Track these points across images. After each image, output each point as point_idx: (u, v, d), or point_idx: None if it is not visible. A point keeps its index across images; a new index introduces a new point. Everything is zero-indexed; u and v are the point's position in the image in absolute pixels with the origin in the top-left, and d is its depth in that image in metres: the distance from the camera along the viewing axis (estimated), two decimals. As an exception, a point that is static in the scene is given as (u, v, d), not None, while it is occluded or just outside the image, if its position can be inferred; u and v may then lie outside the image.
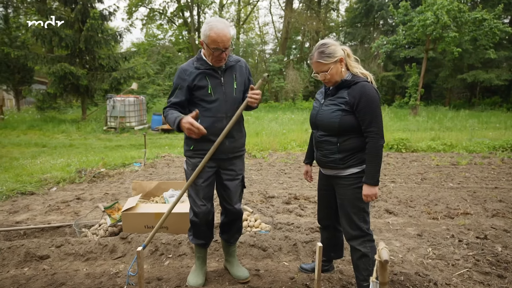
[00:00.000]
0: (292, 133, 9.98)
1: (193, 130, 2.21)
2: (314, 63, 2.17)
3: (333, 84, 2.21)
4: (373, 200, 2.16)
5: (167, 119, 2.37)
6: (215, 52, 2.24)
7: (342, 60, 2.17)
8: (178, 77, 2.39)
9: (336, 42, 2.18)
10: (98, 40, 15.47)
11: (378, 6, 28.82)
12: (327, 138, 2.22)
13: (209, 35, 2.21)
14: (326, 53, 2.13)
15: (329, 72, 2.14)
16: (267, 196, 4.80)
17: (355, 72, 2.22)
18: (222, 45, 2.23)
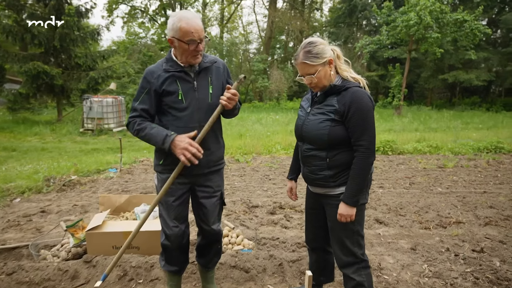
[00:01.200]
0: (277, 135, 9.71)
1: (191, 151, 1.93)
2: (300, 64, 1.88)
3: (321, 89, 1.93)
4: (347, 221, 1.89)
5: (146, 134, 2.02)
6: (190, 45, 1.94)
7: (331, 62, 1.89)
8: (144, 79, 2.06)
9: (324, 41, 1.90)
10: (74, 38, 14.83)
11: (361, 6, 28.94)
12: (315, 153, 1.94)
13: (180, 26, 1.91)
14: (313, 53, 1.84)
15: (316, 75, 1.85)
16: (250, 205, 4.50)
17: (345, 76, 1.94)
18: (196, 35, 1.93)
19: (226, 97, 2.01)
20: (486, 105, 26.16)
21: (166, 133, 1.98)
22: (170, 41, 1.99)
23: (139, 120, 2.06)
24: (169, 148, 1.96)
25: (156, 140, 2.00)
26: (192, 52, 1.98)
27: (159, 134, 1.98)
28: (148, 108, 2.06)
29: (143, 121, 2.06)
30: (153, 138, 2.01)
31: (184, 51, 1.97)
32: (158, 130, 2.00)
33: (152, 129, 2.01)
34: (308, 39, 1.91)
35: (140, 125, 2.04)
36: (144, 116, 2.07)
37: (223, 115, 2.21)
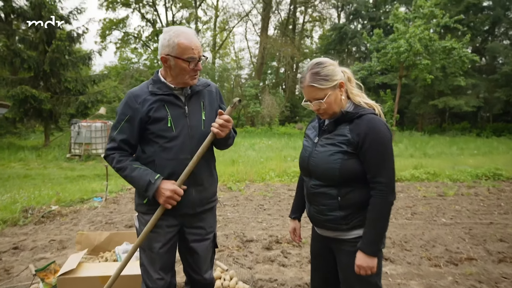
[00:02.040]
0: (270, 162, 9.45)
1: (176, 199, 1.72)
2: (306, 88, 1.63)
3: (330, 116, 1.68)
4: (368, 274, 1.60)
5: (126, 175, 1.76)
6: (190, 64, 1.71)
7: (342, 85, 1.65)
8: (126, 105, 1.78)
9: (334, 61, 1.67)
10: (64, 63, 14.66)
11: (351, 33, 29.62)
12: (324, 190, 1.66)
13: (179, 42, 1.68)
14: (322, 75, 1.60)
15: (325, 100, 1.61)
16: (244, 239, 4.16)
17: (358, 102, 1.70)
18: (197, 52, 1.71)
19: (218, 123, 1.75)
20: (476, 130, 26.46)
21: (149, 179, 1.71)
22: (164, 60, 1.74)
23: (118, 156, 1.77)
24: (152, 196, 1.71)
25: (138, 185, 1.73)
26: (191, 71, 1.75)
27: (142, 179, 1.72)
28: (128, 139, 1.78)
29: (122, 156, 1.78)
30: (134, 182, 1.74)
31: (182, 70, 1.73)
32: (140, 173, 1.73)
33: (133, 171, 1.74)
34: (315, 59, 1.67)
35: (120, 163, 1.76)
36: (124, 149, 1.79)
37: (215, 145, 1.94)
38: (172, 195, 1.70)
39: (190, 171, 1.74)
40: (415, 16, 17.05)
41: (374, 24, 29.10)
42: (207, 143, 1.77)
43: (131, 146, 1.81)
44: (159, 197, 1.71)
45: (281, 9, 36.54)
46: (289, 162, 9.68)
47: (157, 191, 1.70)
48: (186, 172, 1.74)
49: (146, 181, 1.70)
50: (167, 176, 1.74)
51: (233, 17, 38.03)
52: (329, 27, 35.77)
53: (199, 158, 1.75)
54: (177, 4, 37.07)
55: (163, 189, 1.70)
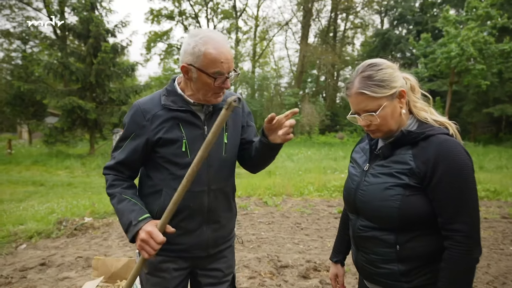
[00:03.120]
0: (309, 174, 8.97)
1: (151, 245, 1.32)
2: (354, 96, 1.24)
3: (385, 134, 1.28)
4: None
5: (113, 205, 1.46)
6: (217, 81, 1.37)
7: (403, 95, 1.24)
8: (132, 120, 1.47)
9: (393, 64, 1.28)
10: (109, 74, 15.23)
11: (395, 39, 28.38)
12: (377, 234, 1.25)
13: (205, 52, 1.34)
14: (377, 80, 1.20)
15: (379, 112, 1.21)
16: (279, 265, 3.76)
17: (424, 118, 1.28)
18: (226, 66, 1.37)
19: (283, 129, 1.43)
20: (538, 141, 24.02)
21: (131, 219, 1.37)
22: (185, 70, 1.41)
23: (111, 178, 1.48)
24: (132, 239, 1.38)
25: (120, 221, 1.42)
26: (215, 89, 1.41)
27: (124, 216, 1.39)
28: (128, 161, 1.48)
29: (117, 180, 1.48)
30: (118, 216, 1.43)
31: (205, 86, 1.40)
32: (125, 207, 1.41)
33: (119, 203, 1.42)
34: (368, 60, 1.28)
35: (111, 187, 1.47)
36: (120, 171, 1.49)
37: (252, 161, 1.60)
38: (147, 238, 1.31)
39: (180, 196, 1.32)
40: (467, 18, 15.85)
41: (420, 28, 27.65)
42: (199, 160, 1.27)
43: (131, 169, 1.51)
44: (137, 240, 1.36)
45: (321, 16, 36.00)
46: (329, 174, 9.14)
47: (137, 234, 1.35)
48: (177, 197, 1.31)
49: (127, 221, 1.37)
50: (175, 213, 1.41)
51: (273, 26, 38.05)
52: (372, 34, 34.61)
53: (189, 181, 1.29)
54: (218, 16, 37.77)
55: (141, 230, 1.34)
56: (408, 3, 28.87)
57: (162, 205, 1.44)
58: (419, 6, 29.60)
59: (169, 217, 1.35)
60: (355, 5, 34.94)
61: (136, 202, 1.44)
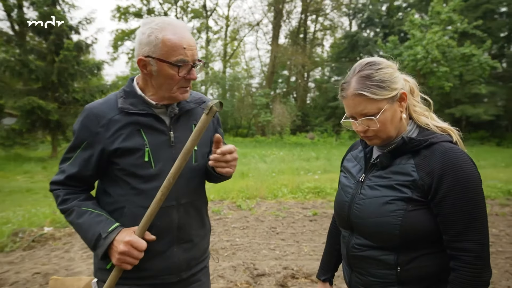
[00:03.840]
0: (282, 176, 8.88)
1: (135, 255, 1.16)
2: (351, 98, 1.10)
3: (383, 141, 1.15)
4: None
5: (72, 221, 1.24)
6: (181, 70, 1.18)
7: (404, 98, 1.12)
8: (82, 126, 1.25)
9: (393, 63, 1.15)
10: (73, 73, 14.45)
11: (364, 41, 29.07)
12: (376, 254, 1.12)
13: (164, 38, 1.15)
14: (376, 80, 1.07)
15: (379, 117, 1.08)
16: (255, 273, 3.60)
17: (425, 124, 1.16)
18: (190, 53, 1.18)
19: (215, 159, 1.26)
20: (495, 139, 25.40)
21: (99, 232, 1.18)
22: (142, 64, 1.22)
23: (63, 194, 1.27)
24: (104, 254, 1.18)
25: (85, 238, 1.21)
26: (181, 81, 1.22)
27: (90, 230, 1.20)
28: (81, 176, 1.27)
29: (69, 194, 1.27)
30: (81, 233, 1.22)
31: (168, 79, 1.21)
32: (89, 220, 1.21)
33: (80, 217, 1.22)
34: (365, 59, 1.15)
35: (65, 203, 1.25)
36: (72, 185, 1.28)
37: (208, 179, 1.43)
38: (128, 249, 1.15)
39: (155, 211, 1.19)
40: (431, 22, 16.45)
41: (387, 31, 28.49)
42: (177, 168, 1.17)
43: (85, 183, 1.31)
44: (111, 254, 1.19)
45: (292, 18, 36.27)
46: (302, 176, 9.10)
47: (110, 248, 1.18)
48: (150, 214, 1.19)
49: (95, 234, 1.18)
50: None
51: (244, 26, 37.92)
52: (341, 35, 35.30)
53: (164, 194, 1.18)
54: (188, 15, 37.13)
55: (116, 241, 1.17)
56: (375, 7, 29.68)
57: (123, 225, 1.24)
58: (385, 10, 30.50)
59: (143, 233, 1.20)
60: (324, 7, 35.52)
61: (100, 212, 1.24)
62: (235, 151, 1.26)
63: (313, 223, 5.44)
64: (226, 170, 1.25)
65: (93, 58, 20.76)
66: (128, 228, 1.21)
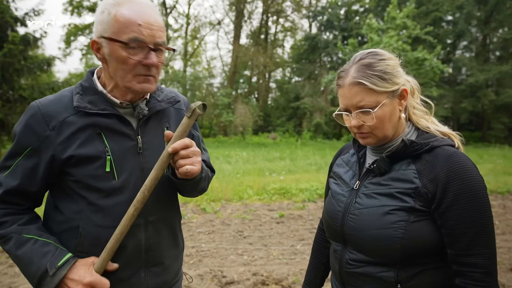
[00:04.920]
0: (247, 177, 8.75)
1: None
2: (348, 87, 0.99)
3: (378, 141, 1.04)
4: None
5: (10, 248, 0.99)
6: (135, 52, 0.99)
7: (404, 96, 1.02)
8: (26, 128, 1.02)
9: (395, 57, 1.05)
10: (19, 68, 13.32)
11: (324, 43, 29.75)
12: (374, 271, 1.00)
13: (116, 14, 0.96)
14: (378, 71, 0.97)
15: (376, 111, 0.97)
16: (223, 281, 3.43)
17: (424, 127, 1.07)
18: (148, 33, 0.98)
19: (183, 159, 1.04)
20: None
21: (45, 267, 0.95)
22: (96, 47, 1.03)
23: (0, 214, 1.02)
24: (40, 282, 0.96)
25: (26, 273, 0.98)
26: (136, 66, 1.01)
27: (32, 264, 0.96)
28: (24, 189, 1.03)
29: (8, 216, 1.02)
30: (21, 266, 0.99)
31: (120, 63, 1.01)
32: (30, 251, 0.98)
33: (20, 246, 0.98)
34: (367, 50, 1.05)
35: (1, 227, 1.00)
36: (11, 203, 1.03)
37: (180, 192, 1.23)
38: None
39: (124, 232, 1.01)
40: (388, 27, 17.14)
41: (345, 34, 29.39)
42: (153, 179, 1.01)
43: (29, 198, 1.06)
44: None
45: (253, 18, 36.35)
46: (267, 177, 9.03)
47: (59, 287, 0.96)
48: (117, 238, 1.00)
49: (39, 270, 0.96)
50: None
51: (205, 25, 37.40)
52: (301, 37, 35.91)
53: (138, 209, 1.00)
54: (146, 11, 35.94)
55: (72, 279, 0.96)
56: (335, 10, 30.49)
57: (79, 249, 1.04)
58: (344, 14, 31.44)
59: (111, 255, 1.00)
60: (285, 9, 35.96)
61: (46, 240, 1.01)
62: (193, 145, 1.05)
63: (280, 226, 5.36)
64: (185, 168, 1.02)
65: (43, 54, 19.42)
66: (84, 260, 1.00)
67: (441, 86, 27.27)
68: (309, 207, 6.42)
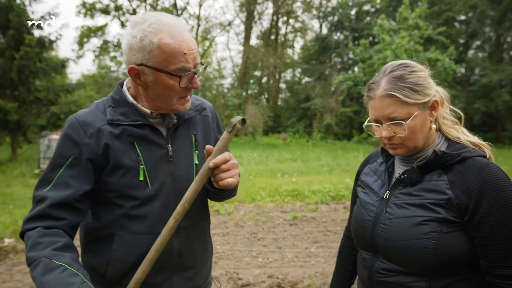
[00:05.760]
0: (259, 179, 8.78)
1: None
2: (379, 99, 1.00)
3: (408, 152, 1.05)
4: None
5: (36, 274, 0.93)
6: (183, 80, 1.02)
7: (436, 107, 1.03)
8: (67, 137, 1.04)
9: (426, 68, 1.06)
10: (34, 70, 13.63)
11: (334, 44, 29.61)
12: (405, 280, 1.01)
13: (160, 43, 0.97)
14: (410, 83, 0.98)
15: (409, 122, 0.98)
16: (239, 283, 3.46)
17: (455, 137, 1.07)
18: (191, 58, 1.01)
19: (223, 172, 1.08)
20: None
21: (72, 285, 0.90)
22: (135, 73, 1.03)
23: (37, 235, 0.98)
24: None
25: None
26: (181, 92, 1.05)
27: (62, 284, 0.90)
28: (69, 201, 1.02)
29: (45, 237, 0.97)
30: None
31: (167, 90, 1.04)
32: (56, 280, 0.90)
33: (47, 273, 0.91)
34: (397, 61, 1.06)
35: (34, 249, 0.95)
36: (56, 218, 1.01)
37: (211, 197, 1.28)
38: None
39: (165, 241, 1.03)
40: (399, 28, 16.97)
41: (356, 35, 29.23)
42: (193, 192, 1.05)
43: (74, 213, 1.04)
44: None
45: (263, 19, 36.37)
46: (279, 178, 9.05)
47: None
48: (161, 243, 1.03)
49: None
50: (134, 263, 1.05)
51: (216, 26, 37.56)
52: (311, 38, 35.81)
53: (178, 221, 1.04)
54: (158, 13, 36.25)
55: None
56: (345, 11, 30.34)
57: (114, 255, 1.07)
58: (355, 14, 31.25)
59: (151, 265, 1.03)
60: (295, 10, 35.90)
61: (75, 271, 0.94)
62: (231, 158, 1.09)
63: (293, 228, 5.37)
64: (227, 181, 1.06)
65: (56, 56, 19.77)
66: None
67: (453, 87, 26.90)
68: (322, 209, 6.41)
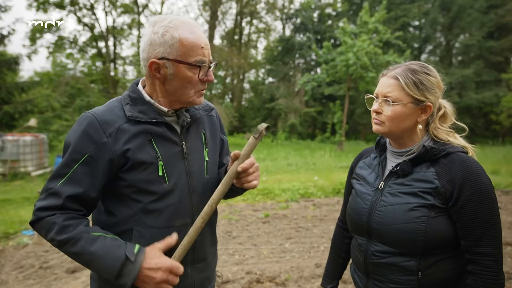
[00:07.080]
0: (229, 178, 8.82)
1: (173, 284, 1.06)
2: (386, 78, 1.18)
3: (385, 134, 1.21)
4: None
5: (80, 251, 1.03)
6: (201, 71, 1.12)
7: (427, 111, 1.18)
8: (84, 136, 1.08)
9: (441, 81, 1.21)
10: (-15, 67, 12.72)
11: (298, 45, 30.23)
12: (398, 260, 1.15)
13: (181, 37, 1.05)
14: (417, 79, 1.15)
15: (394, 106, 1.14)
16: (219, 281, 3.51)
17: (444, 139, 1.21)
18: (207, 53, 1.14)
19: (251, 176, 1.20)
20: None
21: (125, 254, 1.02)
22: (156, 67, 1.09)
23: (61, 219, 1.05)
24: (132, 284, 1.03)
25: (103, 267, 1.03)
26: (199, 84, 1.13)
27: (109, 255, 1.02)
28: (84, 195, 1.08)
29: (70, 220, 1.06)
30: (95, 262, 1.03)
31: (187, 82, 1.12)
32: (105, 245, 1.03)
33: (94, 242, 1.03)
34: (423, 63, 1.21)
35: (64, 232, 1.03)
36: (72, 209, 1.08)
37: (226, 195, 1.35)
38: (168, 277, 1.05)
39: (193, 239, 1.12)
40: (360, 31, 17.73)
41: (319, 37, 30.08)
42: (221, 194, 1.15)
43: (87, 204, 1.12)
44: (143, 283, 1.04)
45: (227, 19, 36.39)
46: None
47: (141, 274, 1.03)
48: (189, 241, 1.12)
49: (120, 259, 1.02)
50: None
51: (178, 24, 36.96)
52: (275, 39, 36.32)
53: (205, 220, 1.14)
54: (118, 9, 35.03)
55: (150, 268, 1.03)
56: (308, 13, 31.10)
57: None
58: (317, 17, 32.12)
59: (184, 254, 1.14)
60: (259, 10, 36.23)
61: (114, 236, 1.08)
62: (255, 161, 1.21)
63: (266, 225, 5.49)
64: (253, 183, 1.18)
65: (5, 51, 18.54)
66: (152, 247, 1.08)
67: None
68: (293, 207, 6.60)
